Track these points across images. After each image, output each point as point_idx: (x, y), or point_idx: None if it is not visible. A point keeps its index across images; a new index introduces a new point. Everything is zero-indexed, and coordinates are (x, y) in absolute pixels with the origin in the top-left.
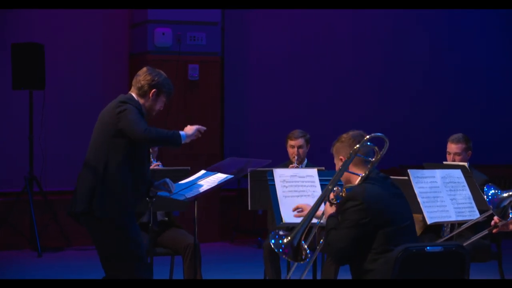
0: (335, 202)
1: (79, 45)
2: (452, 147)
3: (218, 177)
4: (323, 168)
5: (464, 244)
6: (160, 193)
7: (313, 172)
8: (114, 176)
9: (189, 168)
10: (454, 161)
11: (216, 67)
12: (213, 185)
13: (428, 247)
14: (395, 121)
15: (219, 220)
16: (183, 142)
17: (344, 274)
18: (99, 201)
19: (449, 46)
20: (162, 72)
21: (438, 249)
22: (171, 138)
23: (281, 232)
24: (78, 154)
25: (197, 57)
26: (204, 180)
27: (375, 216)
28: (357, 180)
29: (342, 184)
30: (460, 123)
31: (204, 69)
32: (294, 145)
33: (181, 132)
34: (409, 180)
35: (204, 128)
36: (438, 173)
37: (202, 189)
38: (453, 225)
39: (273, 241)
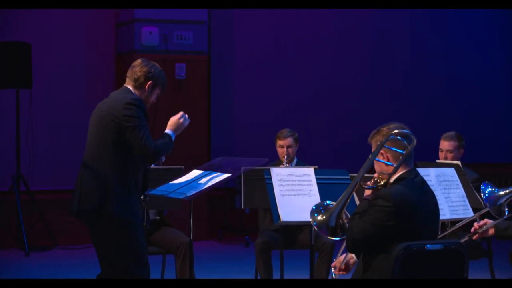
0: (371, 186)
1: (66, 44)
2: (445, 144)
3: (215, 176)
4: (316, 166)
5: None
6: (156, 192)
7: (310, 171)
8: (121, 174)
9: (182, 167)
10: (446, 158)
11: (203, 66)
12: (212, 183)
13: (428, 245)
14: (382, 120)
15: (207, 219)
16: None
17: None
18: (110, 199)
19: (436, 44)
20: (156, 64)
21: (438, 247)
22: (169, 144)
23: (321, 206)
24: (65, 153)
25: (184, 56)
26: (202, 179)
27: (399, 223)
28: (390, 169)
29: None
30: (449, 121)
31: (191, 68)
32: (283, 144)
33: (169, 132)
34: None
35: (182, 112)
36: (432, 171)
37: (202, 188)
38: (444, 223)
39: (314, 207)
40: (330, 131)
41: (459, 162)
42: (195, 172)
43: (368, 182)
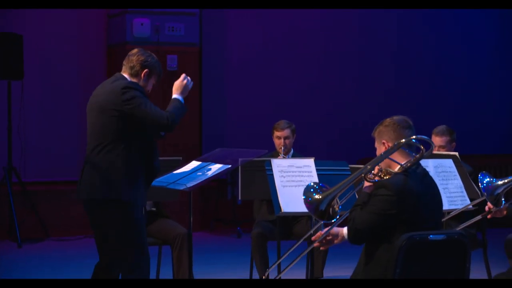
0: (373, 180)
1: (57, 35)
2: (437, 140)
3: (215, 167)
4: (312, 158)
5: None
6: (155, 183)
7: (310, 162)
8: (125, 162)
9: (180, 158)
10: None
11: (194, 58)
12: (211, 175)
13: (431, 236)
14: (371, 113)
15: (199, 210)
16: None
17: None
18: (114, 187)
19: (425, 39)
20: (153, 54)
21: (440, 237)
22: (180, 108)
23: (319, 185)
24: (57, 145)
25: (175, 48)
26: (201, 171)
27: (402, 212)
28: (396, 167)
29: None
30: (439, 113)
31: (182, 59)
32: (281, 136)
33: (177, 97)
34: None
35: (184, 74)
36: (430, 162)
37: (202, 179)
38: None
39: (309, 184)
40: (321, 123)
41: (456, 153)
42: (193, 163)
43: (371, 175)
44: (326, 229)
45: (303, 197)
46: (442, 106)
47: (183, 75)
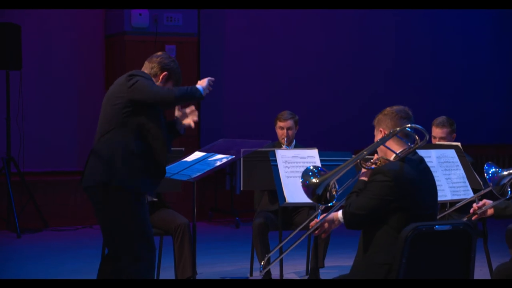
0: (369, 167)
1: (55, 25)
2: (437, 131)
3: (219, 158)
4: (316, 149)
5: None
6: None
7: (314, 152)
8: (130, 150)
9: (183, 149)
10: None
11: (192, 48)
12: (216, 165)
13: (436, 226)
14: (368, 103)
15: (197, 200)
16: (203, 94)
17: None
18: (118, 173)
19: (423, 29)
20: (176, 61)
21: (446, 227)
22: (193, 91)
23: (317, 169)
24: (56, 135)
25: (174, 38)
26: (205, 161)
27: (399, 198)
28: (392, 156)
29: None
30: (436, 102)
31: (181, 49)
32: (284, 126)
33: (198, 86)
34: None
35: (213, 79)
36: (433, 153)
37: (206, 170)
38: (445, 204)
39: (308, 167)
40: (319, 112)
41: (459, 144)
42: (197, 154)
43: (368, 163)
44: (322, 216)
45: (300, 180)
46: (439, 96)
47: (212, 79)
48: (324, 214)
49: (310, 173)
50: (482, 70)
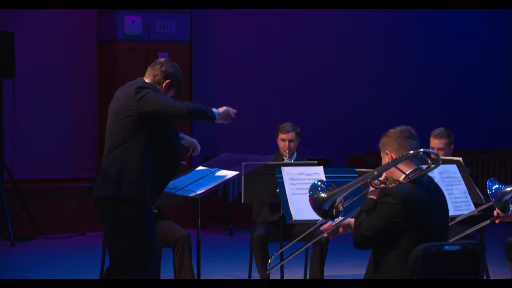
0: (378, 187)
1: (49, 33)
2: (436, 143)
3: (222, 174)
4: (316, 162)
5: (458, 236)
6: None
7: (319, 169)
8: (139, 163)
9: (185, 162)
10: None
11: (185, 55)
12: (221, 181)
13: (446, 246)
14: (360, 105)
15: (190, 207)
16: (216, 119)
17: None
18: (127, 185)
19: (414, 31)
20: (179, 68)
21: (456, 247)
22: (207, 111)
23: (325, 184)
24: (49, 143)
25: (166, 45)
26: (209, 176)
27: (408, 220)
28: (401, 176)
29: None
30: (425, 108)
31: (173, 57)
32: (285, 138)
33: (213, 109)
34: None
35: (234, 110)
36: (436, 168)
37: (211, 185)
38: None
39: (316, 182)
40: (312, 117)
41: (460, 159)
42: (200, 169)
43: (377, 181)
44: (337, 221)
45: (309, 193)
46: (430, 102)
47: (234, 111)
48: (340, 218)
49: (319, 188)
50: (473, 76)
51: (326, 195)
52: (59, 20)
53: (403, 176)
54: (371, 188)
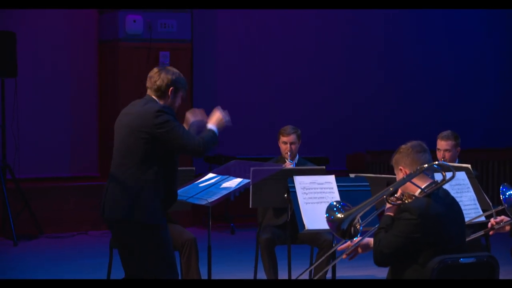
0: (395, 203)
1: (50, 32)
2: (442, 144)
3: (236, 182)
4: (324, 167)
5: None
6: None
7: (331, 178)
8: (149, 183)
9: (194, 168)
10: (444, 157)
11: (186, 54)
12: (232, 189)
13: (461, 259)
14: (358, 108)
15: (191, 205)
16: (217, 132)
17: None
18: (139, 207)
19: (411, 31)
20: (174, 68)
21: (471, 260)
22: (214, 137)
23: (341, 204)
24: (51, 142)
25: (168, 44)
26: (221, 184)
27: (426, 235)
28: (416, 191)
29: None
30: (424, 107)
31: (175, 56)
32: (287, 141)
33: (213, 128)
34: None
35: (224, 114)
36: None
37: (224, 193)
38: None
39: (332, 203)
40: (312, 116)
41: (469, 166)
42: (210, 176)
43: (393, 198)
44: (356, 240)
45: (326, 215)
46: (428, 100)
47: (220, 109)
48: (359, 238)
49: (335, 209)
50: (472, 76)
51: (343, 215)
52: (60, 19)
53: (419, 190)
54: (388, 205)
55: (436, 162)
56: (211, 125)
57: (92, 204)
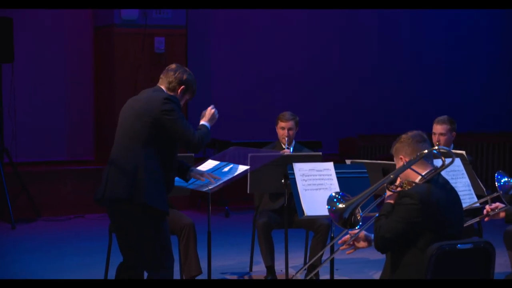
0: (395, 191)
1: (46, 18)
2: (438, 128)
3: (236, 169)
4: (320, 153)
5: None
6: (176, 183)
7: (330, 165)
8: (151, 166)
9: (193, 155)
10: (439, 141)
11: (181, 40)
12: (233, 176)
13: (459, 245)
14: (350, 95)
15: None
16: (209, 127)
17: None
18: (140, 189)
19: (406, 20)
20: (190, 72)
21: (468, 246)
22: (208, 134)
23: (341, 195)
24: (47, 126)
25: (163, 30)
26: (219, 170)
27: (427, 219)
28: (417, 178)
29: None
30: (419, 90)
31: (170, 42)
32: (285, 126)
33: (206, 124)
34: None
35: (212, 108)
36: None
37: (224, 180)
38: None
39: (331, 195)
40: (306, 102)
41: (463, 152)
42: (210, 163)
43: (393, 186)
44: (354, 232)
45: (327, 207)
46: (418, 85)
47: (212, 106)
48: (356, 231)
49: (335, 200)
50: (461, 59)
51: (344, 205)
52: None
53: (419, 177)
54: (388, 193)
55: (436, 147)
56: (204, 121)
57: (89, 187)
